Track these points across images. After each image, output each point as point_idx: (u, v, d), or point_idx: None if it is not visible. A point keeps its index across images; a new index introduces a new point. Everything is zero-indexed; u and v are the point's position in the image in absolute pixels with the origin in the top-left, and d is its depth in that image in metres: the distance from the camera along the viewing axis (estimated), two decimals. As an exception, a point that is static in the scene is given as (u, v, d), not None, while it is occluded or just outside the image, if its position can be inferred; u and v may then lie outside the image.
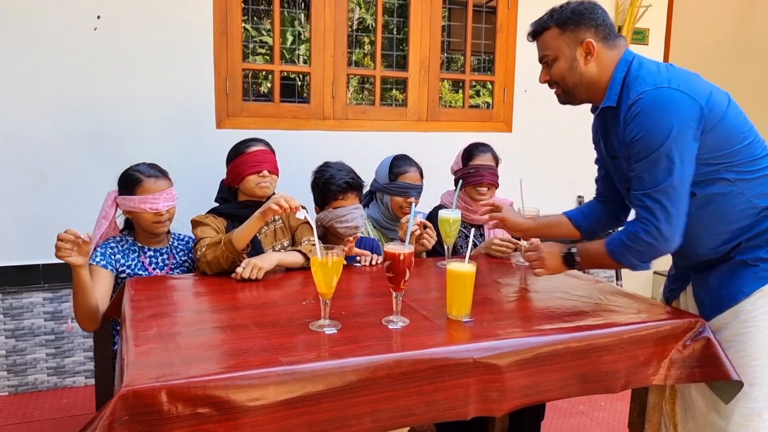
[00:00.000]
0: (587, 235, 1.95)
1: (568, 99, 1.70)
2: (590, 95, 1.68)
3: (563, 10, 1.66)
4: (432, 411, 1.33)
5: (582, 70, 1.64)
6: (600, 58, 1.63)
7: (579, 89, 1.67)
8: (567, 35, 1.64)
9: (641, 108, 1.50)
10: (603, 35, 1.63)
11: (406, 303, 1.66)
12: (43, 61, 2.68)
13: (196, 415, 1.14)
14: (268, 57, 5.02)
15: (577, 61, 1.63)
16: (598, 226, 1.96)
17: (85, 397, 2.83)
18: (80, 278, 1.82)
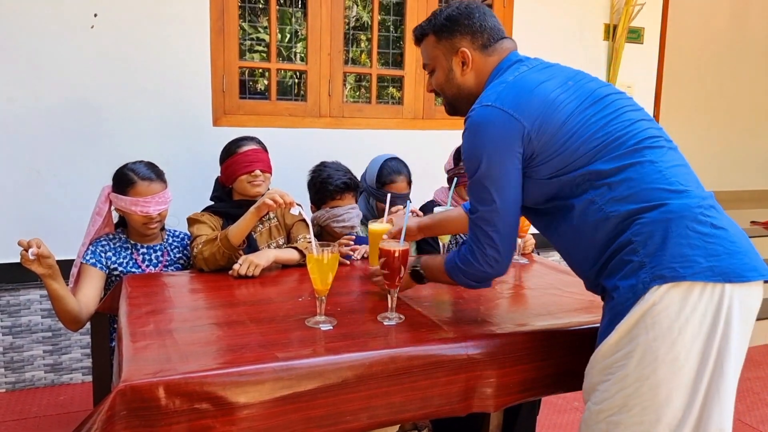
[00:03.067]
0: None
1: (453, 111, 1.55)
2: (472, 105, 1.46)
3: (439, 15, 1.50)
4: (427, 407, 1.35)
5: (459, 82, 1.47)
6: (478, 67, 1.46)
7: (459, 102, 1.50)
8: (443, 44, 1.48)
9: (466, 128, 1.37)
10: (481, 42, 1.45)
11: (401, 299, 1.67)
12: (40, 58, 2.68)
13: (193, 410, 1.16)
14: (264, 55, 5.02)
15: (454, 72, 1.47)
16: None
17: (82, 394, 2.84)
18: (48, 287, 1.80)
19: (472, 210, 1.39)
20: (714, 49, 6.06)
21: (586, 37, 3.82)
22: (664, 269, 1.19)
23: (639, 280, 1.20)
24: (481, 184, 1.34)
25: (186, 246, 2.21)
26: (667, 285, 1.18)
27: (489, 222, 1.35)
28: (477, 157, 1.33)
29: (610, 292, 1.27)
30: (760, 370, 3.31)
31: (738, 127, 6.26)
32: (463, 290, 1.82)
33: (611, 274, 1.27)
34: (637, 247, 1.22)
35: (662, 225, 1.21)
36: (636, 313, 1.20)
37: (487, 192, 1.34)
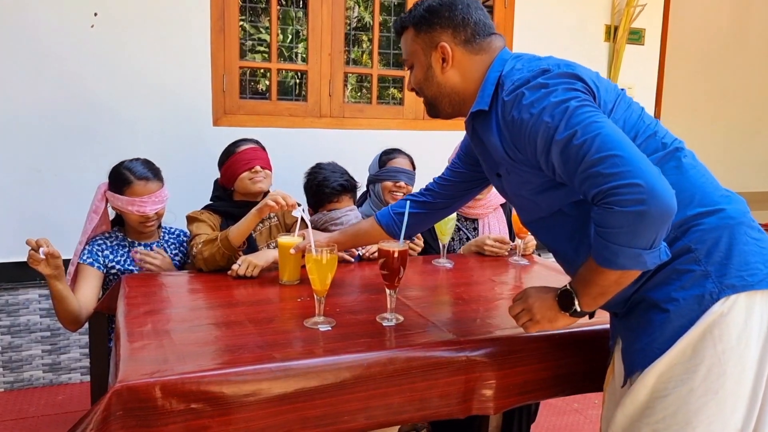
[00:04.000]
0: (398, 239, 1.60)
1: (433, 112, 1.42)
2: (456, 108, 1.38)
3: (419, 6, 1.36)
4: (426, 408, 1.34)
5: (439, 80, 1.34)
6: (462, 64, 1.32)
7: (440, 101, 1.37)
8: (422, 38, 1.34)
9: (523, 89, 1.18)
10: (464, 37, 1.31)
11: (400, 300, 1.67)
12: (40, 57, 2.68)
13: (190, 410, 1.15)
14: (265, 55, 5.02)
15: (433, 69, 1.34)
16: (415, 229, 1.75)
17: (80, 394, 2.83)
18: (53, 288, 1.81)
19: (575, 166, 1.10)
20: (715, 51, 6.05)
21: (587, 38, 3.81)
22: (733, 278, 1.14)
23: (706, 291, 1.14)
24: (572, 119, 1.13)
25: (183, 243, 2.20)
26: (735, 295, 1.13)
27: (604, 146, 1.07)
28: (559, 99, 1.15)
29: (661, 305, 1.18)
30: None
31: (739, 129, 6.25)
32: (463, 291, 1.82)
33: (661, 285, 1.18)
34: (698, 255, 1.16)
35: (725, 231, 1.16)
36: (702, 326, 1.13)
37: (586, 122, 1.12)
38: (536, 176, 1.25)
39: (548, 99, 1.14)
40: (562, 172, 1.15)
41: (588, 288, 1.18)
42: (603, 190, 1.05)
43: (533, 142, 1.17)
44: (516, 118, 1.18)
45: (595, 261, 1.13)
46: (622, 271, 1.11)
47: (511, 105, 1.19)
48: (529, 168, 1.25)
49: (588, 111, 1.12)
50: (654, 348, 1.18)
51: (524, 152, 1.22)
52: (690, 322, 1.15)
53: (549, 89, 1.15)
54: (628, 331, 1.26)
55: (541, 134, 1.15)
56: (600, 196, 1.06)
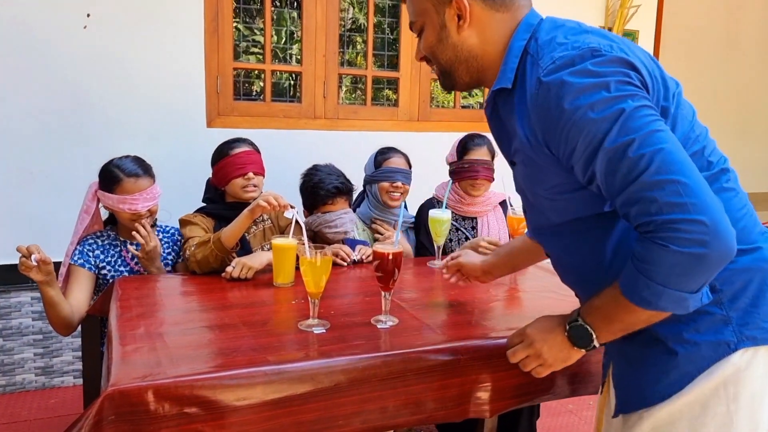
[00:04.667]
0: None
1: (448, 82, 1.20)
2: (474, 76, 1.17)
3: None
4: (421, 412, 1.33)
5: (455, 41, 1.13)
6: (481, 23, 1.11)
7: (456, 68, 1.16)
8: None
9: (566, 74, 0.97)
10: None
11: (395, 302, 1.66)
12: (32, 58, 2.66)
13: (183, 414, 1.14)
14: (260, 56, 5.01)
15: (447, 29, 1.13)
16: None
17: (73, 397, 2.81)
18: (45, 294, 1.80)
19: (625, 180, 0.94)
20: (708, 52, 6.08)
21: (581, 39, 3.81)
22: (756, 329, 1.01)
23: (723, 339, 1.01)
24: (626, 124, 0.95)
25: (177, 242, 2.19)
26: (754, 348, 1.01)
27: (665, 167, 0.91)
28: (609, 91, 0.97)
29: (669, 344, 1.04)
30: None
31: (732, 130, 6.28)
32: (458, 293, 1.82)
33: (672, 321, 1.02)
34: (722, 298, 1.02)
35: (758, 275, 1.02)
36: (715, 379, 1.01)
37: (647, 128, 0.95)
38: (557, 176, 1.07)
39: (600, 93, 0.94)
40: (603, 184, 0.97)
41: (609, 324, 1.04)
42: (658, 222, 0.90)
43: (572, 141, 0.97)
44: (554, 106, 0.98)
45: (625, 296, 0.98)
46: (656, 312, 0.97)
47: (549, 89, 0.98)
48: (552, 165, 1.05)
49: (647, 115, 0.94)
50: (655, 391, 1.06)
51: (555, 148, 1.02)
52: (699, 370, 1.02)
53: (601, 80, 0.95)
54: (625, 360, 1.13)
55: (585, 135, 0.95)
56: (651, 227, 0.90)
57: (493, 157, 2.50)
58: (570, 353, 1.12)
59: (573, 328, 1.08)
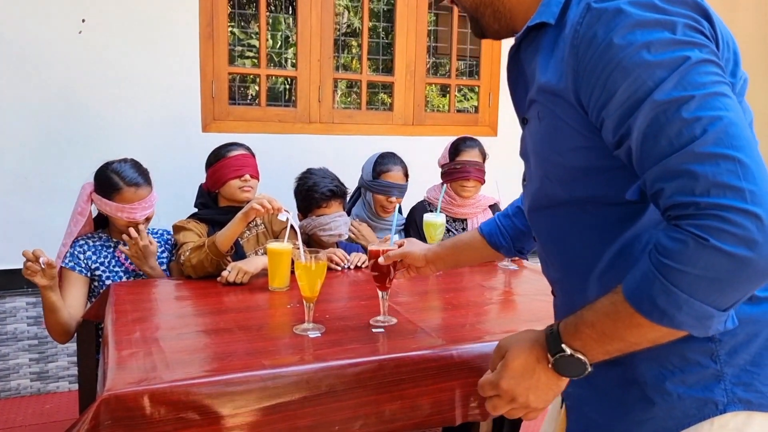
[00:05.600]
0: (511, 255, 1.42)
1: (477, 28, 1.06)
2: (502, 23, 1.01)
3: None
4: (417, 416, 1.33)
5: None
6: None
7: (483, 13, 1.01)
8: None
9: (624, 3, 0.78)
10: None
11: (390, 306, 1.67)
12: (27, 63, 2.66)
13: (179, 419, 1.14)
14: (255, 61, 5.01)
15: None
16: (523, 240, 1.38)
17: (68, 403, 2.80)
18: (47, 299, 1.80)
19: (668, 147, 0.73)
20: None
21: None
22: (752, 393, 0.84)
23: (711, 397, 0.84)
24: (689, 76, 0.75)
25: (168, 241, 2.19)
26: (747, 413, 0.84)
27: (725, 140, 0.70)
28: (670, 32, 0.78)
29: (647, 391, 0.88)
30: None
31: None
32: (452, 297, 1.83)
33: (654, 363, 0.87)
34: (718, 349, 0.84)
35: (766, 330, 0.85)
36: None
37: (710, 88, 0.75)
38: (579, 136, 0.87)
39: (663, 32, 0.75)
40: (638, 147, 0.76)
41: (604, 344, 0.80)
42: (701, 205, 0.69)
43: (612, 86, 0.77)
44: (600, 39, 0.78)
45: (632, 305, 0.75)
46: (669, 330, 0.75)
47: (600, 17, 0.79)
48: (575, 121, 0.86)
49: (714, 73, 0.74)
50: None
51: (587, 95, 0.81)
52: (678, 427, 0.87)
53: (667, 17, 0.76)
54: (591, 392, 0.95)
55: (633, 79, 0.75)
56: (691, 211, 0.70)
57: (484, 159, 2.52)
58: (559, 385, 0.88)
59: (559, 361, 0.84)
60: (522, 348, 0.88)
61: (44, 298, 1.80)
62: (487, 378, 0.91)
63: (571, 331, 0.82)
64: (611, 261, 0.89)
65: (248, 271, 1.90)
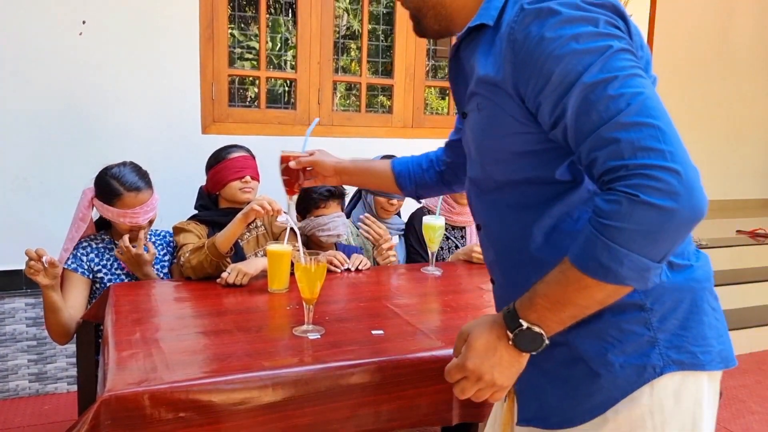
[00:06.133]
0: (409, 196, 1.51)
1: (418, 28, 1.16)
2: (443, 24, 1.10)
3: None
4: (415, 416, 1.35)
5: None
6: None
7: (425, 14, 1.11)
8: None
9: (553, 3, 0.88)
10: None
11: (389, 308, 1.68)
12: (27, 65, 2.67)
13: (179, 419, 1.15)
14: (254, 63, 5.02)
15: None
16: (425, 190, 1.47)
17: (67, 404, 2.80)
18: (48, 298, 1.80)
19: (597, 120, 0.83)
20: (699, 58, 6.13)
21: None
22: (684, 354, 0.93)
23: (649, 363, 0.92)
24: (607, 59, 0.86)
25: (169, 243, 2.19)
26: (681, 374, 0.93)
27: (642, 111, 0.82)
28: (593, 24, 0.90)
29: (591, 364, 0.95)
30: (746, 378, 3.34)
31: (723, 137, 6.34)
32: (451, 299, 1.83)
33: (595, 338, 0.95)
34: (650, 317, 0.93)
35: (688, 296, 0.95)
36: (642, 405, 0.93)
37: (625, 69, 0.87)
38: (516, 122, 0.95)
39: (586, 26, 0.86)
40: (573, 124, 0.86)
41: (558, 312, 0.87)
42: (630, 166, 0.79)
43: (547, 73, 0.87)
44: (534, 35, 0.88)
45: (579, 268, 0.83)
46: (615, 287, 0.83)
47: (533, 17, 0.89)
48: (513, 109, 0.94)
49: (631, 59, 0.86)
50: (576, 413, 0.97)
51: (524, 84, 0.91)
52: (622, 395, 0.93)
53: (590, 14, 0.87)
54: (541, 374, 1.01)
55: (564, 66, 0.85)
56: (622, 173, 0.79)
57: None
58: (521, 362, 0.92)
59: (518, 336, 0.89)
60: (483, 329, 0.93)
61: (45, 298, 1.81)
62: (453, 362, 0.96)
63: (526, 305, 0.89)
64: (546, 237, 0.98)
65: (248, 272, 1.91)
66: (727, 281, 3.99)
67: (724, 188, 6.33)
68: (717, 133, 6.29)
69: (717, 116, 6.32)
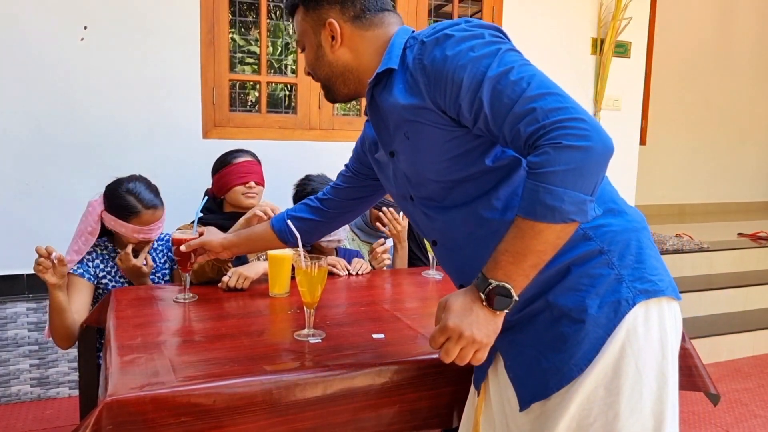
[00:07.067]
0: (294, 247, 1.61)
1: (330, 95, 1.32)
2: (351, 88, 1.28)
3: None
4: (415, 419, 1.35)
5: (330, 59, 1.25)
6: (352, 41, 1.24)
7: (334, 82, 1.28)
8: (310, 16, 1.26)
9: (447, 30, 1.10)
10: (353, 13, 1.23)
11: (390, 312, 1.68)
12: (29, 70, 2.68)
13: (180, 423, 1.15)
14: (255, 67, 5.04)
15: (323, 48, 1.25)
16: (309, 236, 1.63)
17: (69, 409, 2.81)
18: (55, 298, 1.81)
19: (508, 104, 1.02)
20: (700, 63, 6.14)
21: (573, 50, 3.86)
22: (646, 283, 1.08)
23: (621, 297, 1.06)
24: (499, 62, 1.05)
25: (170, 248, 2.20)
26: (647, 301, 1.07)
27: (533, 86, 1.01)
28: (481, 37, 1.10)
29: (574, 314, 1.07)
30: (748, 381, 3.33)
31: (724, 140, 6.34)
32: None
33: (571, 291, 1.09)
34: (611, 258, 1.08)
35: (634, 235, 1.12)
36: (620, 338, 1.06)
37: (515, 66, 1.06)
38: (444, 131, 1.12)
39: (477, 39, 1.06)
40: (490, 112, 1.03)
41: (520, 264, 0.99)
42: (546, 125, 0.96)
43: (458, 81, 1.05)
44: (438, 57, 1.08)
45: (528, 217, 0.97)
46: (562, 226, 0.96)
47: (433, 45, 1.10)
48: (438, 123, 1.12)
49: (519, 55, 1.06)
50: (571, 366, 1.07)
51: (441, 97, 1.09)
52: (607, 332, 1.06)
53: (476, 32, 1.08)
54: (527, 347, 1.12)
55: (469, 71, 1.04)
56: (541, 132, 0.97)
57: None
58: (497, 322, 1.02)
59: (490, 293, 0.99)
60: (458, 295, 1.05)
61: (52, 298, 1.81)
62: (435, 329, 1.05)
63: (491, 266, 1.01)
64: (500, 218, 1.12)
65: (249, 276, 1.91)
66: (729, 284, 3.98)
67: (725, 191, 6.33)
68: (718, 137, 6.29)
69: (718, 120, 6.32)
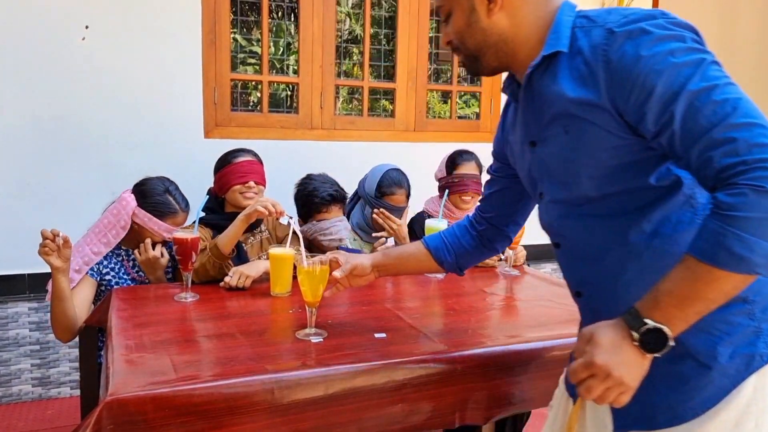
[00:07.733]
0: (452, 271, 1.51)
1: (474, 67, 1.18)
2: (502, 60, 1.14)
3: None
4: (417, 419, 1.34)
5: (484, 25, 1.10)
6: (513, 6, 1.09)
7: (485, 52, 1.13)
8: None
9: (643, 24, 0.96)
10: None
11: (392, 311, 1.67)
12: (30, 70, 2.68)
13: (181, 423, 1.15)
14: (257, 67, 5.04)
15: (477, 14, 1.10)
16: (466, 259, 1.49)
17: (70, 408, 2.80)
18: (58, 284, 1.81)
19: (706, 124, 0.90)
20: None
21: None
22: None
23: (756, 351, 0.99)
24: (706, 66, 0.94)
25: (171, 248, 2.19)
26: None
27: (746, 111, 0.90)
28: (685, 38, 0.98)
29: (701, 358, 1.00)
30: None
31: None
32: (454, 302, 1.83)
33: (703, 333, 0.99)
34: (753, 308, 1.00)
35: None
36: (748, 394, 0.99)
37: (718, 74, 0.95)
38: (614, 136, 1.01)
39: (678, 43, 0.94)
40: (680, 130, 0.92)
41: (685, 309, 0.89)
42: (748, 162, 0.84)
43: (649, 86, 0.93)
44: (630, 54, 0.95)
45: (708, 262, 0.86)
46: (743, 277, 0.86)
47: (624, 38, 0.96)
48: (610, 125, 1.00)
49: (722, 70, 0.94)
50: (687, 408, 1.01)
51: (623, 100, 0.97)
52: (733, 384, 0.99)
53: (677, 33, 0.95)
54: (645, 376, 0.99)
55: (666, 78, 0.92)
56: (741, 168, 0.85)
57: (480, 171, 2.54)
58: (644, 364, 0.92)
59: (645, 335, 0.90)
60: (607, 328, 0.94)
61: (55, 284, 1.81)
62: (579, 361, 0.94)
63: (650, 305, 0.91)
64: (646, 242, 1.03)
65: (250, 275, 1.90)
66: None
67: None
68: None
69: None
